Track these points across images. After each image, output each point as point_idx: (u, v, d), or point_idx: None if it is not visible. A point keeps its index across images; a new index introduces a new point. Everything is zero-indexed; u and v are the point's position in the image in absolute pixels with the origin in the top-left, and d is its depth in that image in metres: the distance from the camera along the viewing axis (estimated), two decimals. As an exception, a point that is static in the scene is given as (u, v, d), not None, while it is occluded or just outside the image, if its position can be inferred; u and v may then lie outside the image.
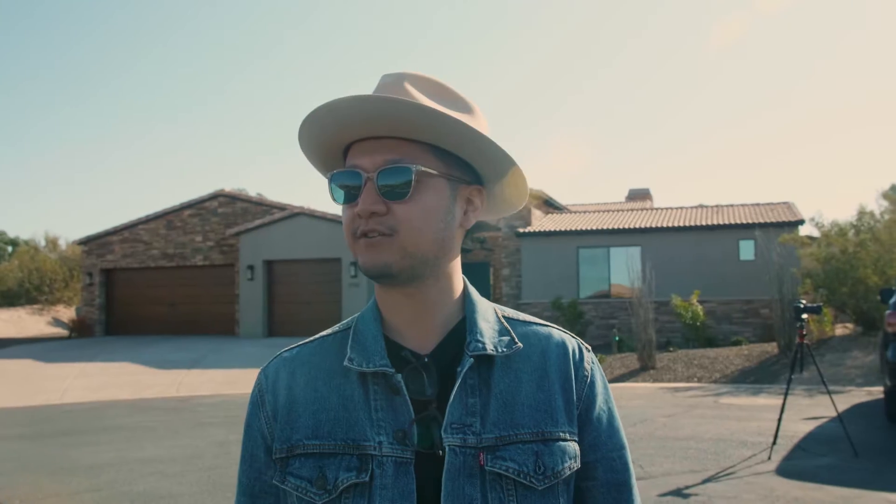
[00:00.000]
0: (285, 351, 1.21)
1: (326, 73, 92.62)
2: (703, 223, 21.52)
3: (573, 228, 22.09)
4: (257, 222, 23.05)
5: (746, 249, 20.61)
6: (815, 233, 19.40)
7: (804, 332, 8.21)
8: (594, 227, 21.98)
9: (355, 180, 1.05)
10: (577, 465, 1.08)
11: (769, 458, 7.41)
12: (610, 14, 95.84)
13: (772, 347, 16.79)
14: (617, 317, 20.29)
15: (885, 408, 9.40)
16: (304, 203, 24.08)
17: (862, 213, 18.69)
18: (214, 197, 24.74)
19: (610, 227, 21.92)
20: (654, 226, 21.79)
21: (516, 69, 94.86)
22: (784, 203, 23.39)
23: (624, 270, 19.73)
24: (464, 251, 30.58)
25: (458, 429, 1.03)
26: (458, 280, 1.14)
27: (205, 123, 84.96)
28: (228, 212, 24.46)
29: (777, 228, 19.84)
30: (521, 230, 21.97)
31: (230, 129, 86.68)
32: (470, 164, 1.11)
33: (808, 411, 10.17)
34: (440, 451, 1.02)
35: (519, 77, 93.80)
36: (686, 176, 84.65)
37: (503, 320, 1.14)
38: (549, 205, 24.76)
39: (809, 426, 9.08)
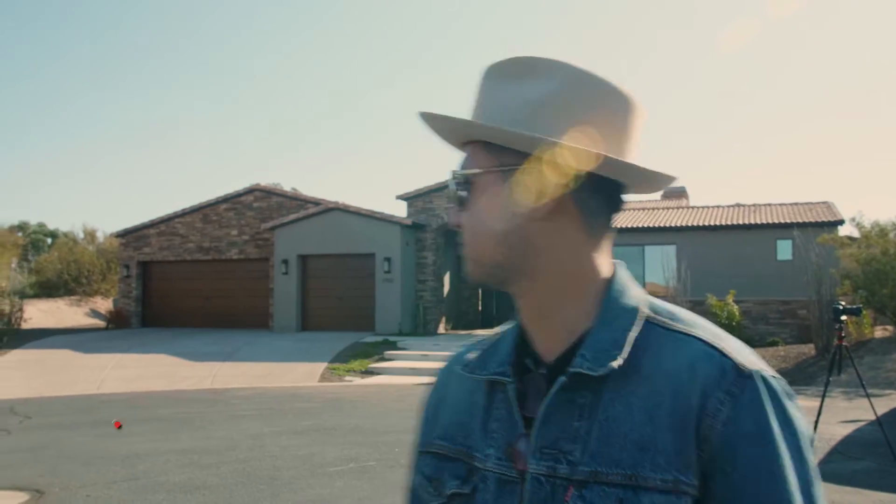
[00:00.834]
0: (463, 346, 1.15)
1: (363, 64, 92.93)
2: (740, 222, 21.27)
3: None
4: (292, 217, 23.20)
5: (784, 249, 20.34)
6: (855, 233, 19.07)
7: (843, 334, 8.09)
8: (629, 225, 21.83)
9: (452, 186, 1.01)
10: None
11: (806, 460, 7.31)
12: (651, 5, 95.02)
13: (809, 349, 16.56)
14: (651, 316, 20.12)
15: (926, 412, 9.22)
16: (338, 198, 24.19)
17: (904, 214, 18.34)
18: (250, 191, 24.95)
19: (645, 225, 21.76)
20: (690, 224, 21.58)
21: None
22: (823, 203, 23.04)
23: (659, 269, 19.58)
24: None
25: (549, 455, 0.90)
26: (581, 278, 0.96)
27: (241, 117, 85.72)
28: (263, 206, 24.64)
29: (816, 228, 19.54)
30: (554, 227, 21.85)
31: (266, 122, 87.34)
32: None
33: (845, 414, 10.02)
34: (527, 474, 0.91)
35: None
36: (724, 176, 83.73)
37: (636, 328, 0.92)
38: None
39: (847, 429, 8.95)
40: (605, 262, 0.98)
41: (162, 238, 25.51)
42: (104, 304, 30.29)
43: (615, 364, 0.89)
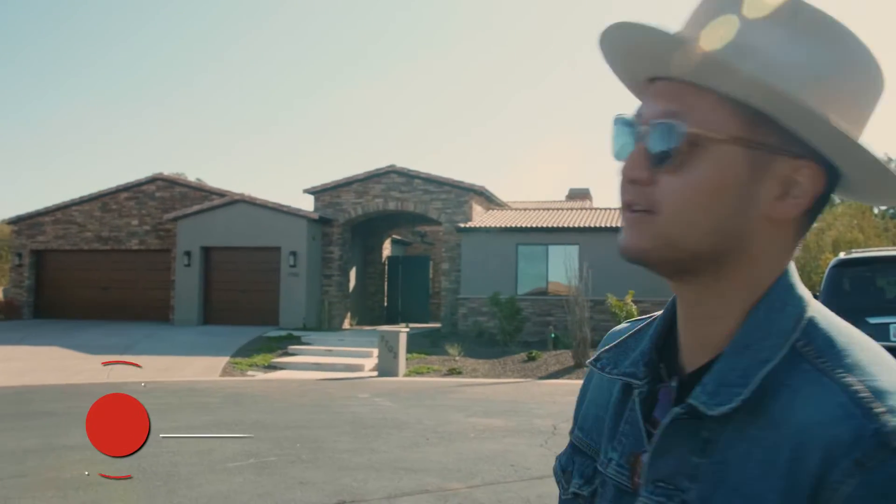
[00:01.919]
0: (625, 323, 1.00)
1: (274, 64, 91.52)
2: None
3: (513, 225, 22.29)
4: (196, 208, 22.72)
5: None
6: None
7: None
8: (534, 225, 22.22)
9: (626, 134, 0.80)
10: None
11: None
12: (564, 18, 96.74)
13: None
14: (553, 314, 20.55)
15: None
16: (244, 190, 23.82)
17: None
18: (152, 180, 24.31)
19: (549, 226, 22.18)
20: (592, 225, 22.11)
21: (465, 68, 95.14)
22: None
23: (562, 268, 19.99)
24: (403, 244, 30.67)
25: (663, 490, 0.77)
26: (756, 288, 0.79)
27: (146, 107, 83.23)
28: (166, 196, 24.05)
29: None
30: (461, 225, 22.09)
31: (171, 113, 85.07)
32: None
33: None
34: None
35: (467, 76, 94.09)
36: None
37: (777, 358, 0.75)
38: (490, 201, 24.95)
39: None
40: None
41: (58, 226, 24.60)
42: (-7, 294, 28.99)
43: (733, 405, 0.73)
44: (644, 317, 0.97)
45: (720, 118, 0.74)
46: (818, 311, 0.79)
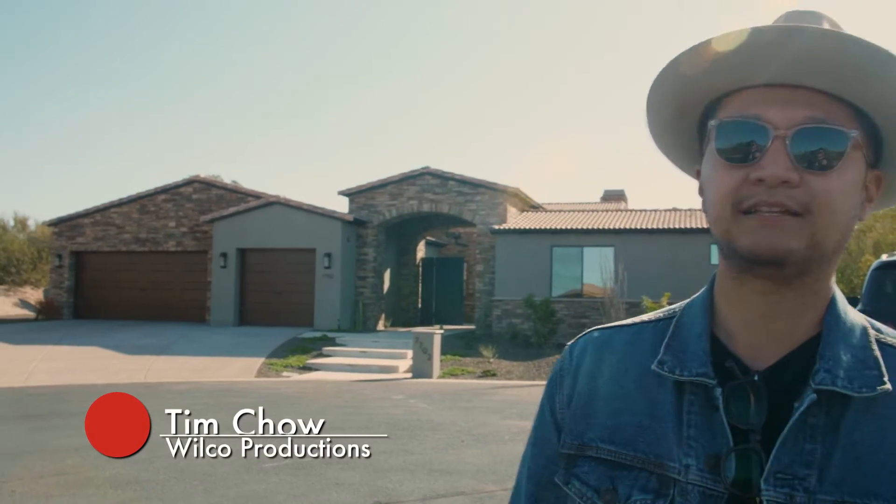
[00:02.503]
0: (596, 330, 1.02)
1: (308, 65, 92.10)
2: (676, 226, 21.71)
3: (548, 227, 22.18)
4: (232, 210, 22.93)
5: (717, 253, 20.83)
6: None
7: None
8: (569, 227, 22.10)
9: (758, 136, 0.81)
10: None
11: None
12: (593, 16, 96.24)
13: (739, 351, 17.01)
14: (588, 316, 20.42)
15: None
16: (279, 192, 24.00)
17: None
18: (189, 183, 24.57)
19: (584, 227, 22.05)
20: (627, 227, 21.95)
21: (497, 67, 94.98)
22: (756, 209, 23.62)
23: (597, 270, 19.88)
24: (437, 246, 30.69)
25: (784, 480, 0.79)
26: (831, 285, 0.88)
27: (182, 109, 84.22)
28: (203, 198, 24.30)
29: (748, 234, 20.04)
30: (496, 227, 22.04)
31: (207, 115, 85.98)
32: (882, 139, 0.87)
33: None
34: (757, 499, 0.80)
35: (499, 75, 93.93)
36: (661, 179, 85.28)
37: (875, 346, 0.84)
38: (525, 202, 24.87)
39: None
40: None
41: (97, 228, 24.96)
42: (34, 295, 29.47)
43: (887, 387, 0.80)
44: (637, 320, 1.00)
45: (858, 128, 0.82)
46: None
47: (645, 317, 1.00)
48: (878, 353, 0.83)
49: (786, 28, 0.81)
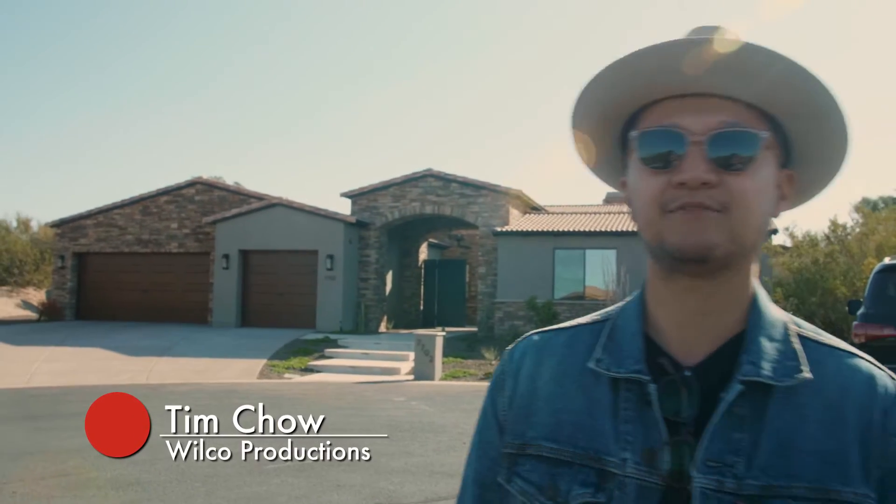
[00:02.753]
0: (535, 333, 1.06)
1: (310, 66, 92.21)
2: (679, 229, 21.70)
3: (550, 229, 22.18)
4: (234, 211, 22.94)
5: (720, 256, 20.83)
6: (789, 242, 19.65)
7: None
8: (571, 229, 22.09)
9: (676, 144, 0.86)
10: None
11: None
12: (597, 18, 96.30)
13: (741, 354, 17.00)
14: (590, 318, 20.38)
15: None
16: (282, 194, 24.01)
17: (835, 226, 18.97)
18: (192, 184, 24.59)
19: (586, 230, 22.04)
20: (630, 229, 21.92)
21: (500, 69, 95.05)
22: (759, 212, 23.63)
23: (599, 272, 19.87)
24: (440, 248, 30.68)
25: (714, 468, 0.84)
26: (752, 281, 0.94)
27: (185, 111, 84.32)
28: (205, 200, 24.32)
29: (751, 237, 20.04)
30: (498, 229, 22.03)
31: (209, 117, 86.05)
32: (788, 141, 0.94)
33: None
34: (689, 488, 0.84)
35: (502, 77, 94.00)
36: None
37: (795, 340, 0.91)
38: (527, 204, 24.86)
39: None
40: None
41: (99, 229, 24.99)
42: (37, 296, 29.47)
43: (806, 376, 0.86)
44: (574, 322, 1.04)
45: (767, 130, 0.89)
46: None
47: (582, 319, 1.04)
48: (797, 345, 0.90)
49: (692, 41, 0.86)
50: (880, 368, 0.90)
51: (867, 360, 0.91)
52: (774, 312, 0.94)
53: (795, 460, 0.84)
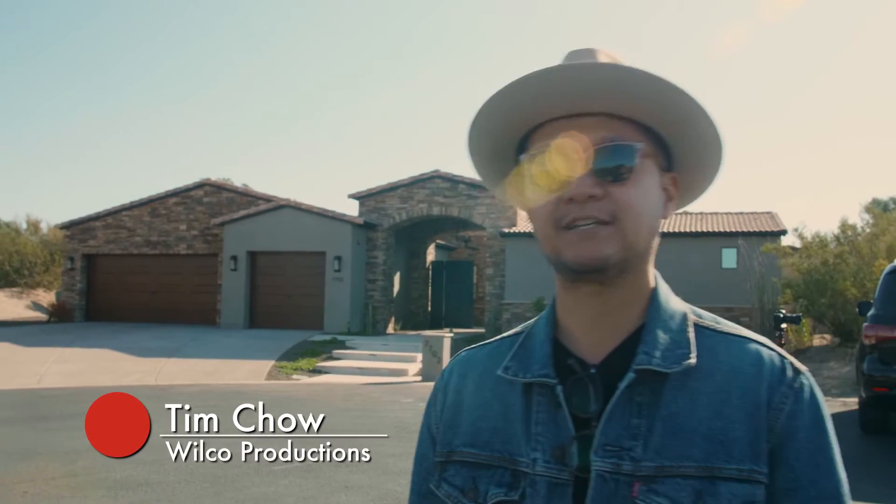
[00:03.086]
0: (464, 350, 1.14)
1: (316, 67, 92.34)
2: (687, 230, 21.65)
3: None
4: (242, 213, 22.99)
5: (729, 258, 20.74)
6: (798, 243, 19.57)
7: (782, 342, 8.31)
8: (579, 230, 22.04)
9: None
10: None
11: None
12: (603, 16, 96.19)
13: (750, 356, 16.92)
14: (598, 320, 20.36)
15: (859, 418, 9.51)
16: (290, 195, 24.03)
17: (844, 226, 18.88)
18: (200, 186, 24.65)
19: (594, 231, 21.98)
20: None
21: (507, 69, 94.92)
22: (767, 213, 23.56)
23: (607, 274, 19.82)
24: (447, 249, 30.65)
25: (612, 452, 0.90)
26: (651, 280, 1.01)
27: (193, 113, 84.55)
28: (214, 201, 24.38)
29: (760, 238, 19.98)
30: (506, 230, 22.02)
31: (218, 118, 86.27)
32: (669, 148, 1.01)
33: (783, 420, 10.28)
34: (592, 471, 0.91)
35: (509, 77, 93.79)
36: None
37: (691, 329, 0.97)
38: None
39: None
40: None
41: (108, 231, 25.08)
42: (47, 297, 29.60)
43: (691, 362, 0.92)
44: (498, 336, 1.11)
45: (644, 140, 0.95)
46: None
47: (506, 333, 1.10)
48: (692, 334, 0.96)
49: (566, 67, 0.92)
50: (772, 349, 0.96)
51: (759, 343, 0.97)
52: (673, 305, 1.00)
53: (686, 441, 0.89)
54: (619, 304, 0.97)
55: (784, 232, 20.83)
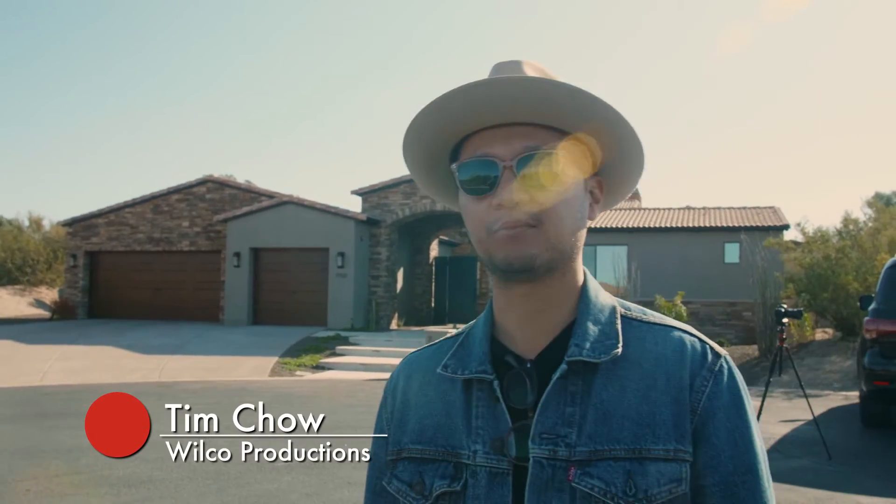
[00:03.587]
0: (411, 353, 1.20)
1: (320, 64, 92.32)
2: (690, 225, 21.63)
3: (560, 226, 22.11)
4: (245, 209, 22.98)
5: (732, 252, 20.74)
6: (801, 238, 19.55)
7: (784, 336, 8.30)
8: (581, 225, 22.02)
9: (490, 170, 0.99)
10: (682, 489, 0.95)
11: (745, 459, 7.49)
12: (605, 15, 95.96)
13: (753, 350, 16.95)
14: (601, 315, 20.34)
15: (860, 412, 9.52)
16: (292, 192, 24.02)
17: (847, 220, 18.85)
18: (203, 182, 24.64)
19: (597, 226, 21.98)
20: (641, 226, 21.88)
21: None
22: (770, 207, 23.54)
23: (610, 269, 19.81)
24: (451, 245, 30.64)
25: (548, 439, 0.96)
26: (579, 277, 1.07)
27: (195, 110, 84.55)
28: (216, 198, 24.37)
29: (762, 232, 19.96)
30: (508, 226, 21.96)
31: (220, 115, 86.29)
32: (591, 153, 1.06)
33: (785, 414, 10.28)
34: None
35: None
36: (675, 177, 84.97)
37: (619, 321, 1.04)
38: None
39: (786, 429, 9.19)
40: None
41: (111, 228, 25.08)
42: (49, 295, 29.66)
43: (617, 351, 0.99)
44: (443, 337, 1.17)
45: (567, 148, 1.00)
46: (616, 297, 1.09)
47: (451, 333, 1.16)
48: (619, 325, 1.02)
49: (489, 81, 0.96)
50: (693, 336, 1.03)
51: (682, 331, 1.04)
52: (602, 300, 1.06)
53: (616, 426, 0.96)
54: (550, 301, 1.03)
55: (787, 226, 20.81)
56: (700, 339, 1.03)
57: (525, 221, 0.97)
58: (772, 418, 9.60)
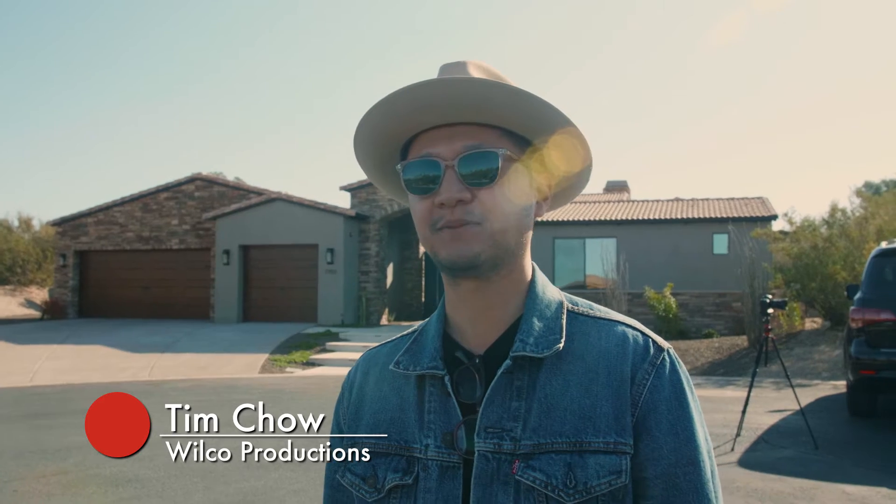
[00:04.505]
0: (369, 350, 1.22)
1: (308, 61, 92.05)
2: (679, 216, 21.69)
3: (550, 219, 22.17)
4: (234, 207, 22.94)
5: (720, 243, 20.80)
6: (788, 228, 19.61)
7: (770, 327, 8.34)
8: (571, 218, 22.08)
9: (433, 169, 1.00)
10: (623, 480, 0.95)
11: (732, 449, 7.54)
12: (595, 6, 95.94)
13: (742, 340, 16.99)
14: (591, 308, 20.38)
15: (847, 401, 9.57)
16: (281, 189, 23.97)
17: (834, 210, 18.91)
18: (191, 180, 24.58)
19: (586, 219, 22.03)
20: (629, 218, 21.92)
21: (498, 59, 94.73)
22: (758, 198, 23.61)
23: (599, 262, 19.86)
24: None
25: (493, 433, 0.98)
26: (527, 273, 1.08)
27: (183, 108, 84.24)
28: (205, 196, 24.31)
29: (750, 223, 20.01)
30: (497, 220, 21.98)
31: (208, 113, 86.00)
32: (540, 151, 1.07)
33: (773, 404, 10.33)
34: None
35: (500, 67, 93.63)
36: (664, 169, 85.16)
37: (564, 315, 1.05)
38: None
39: (773, 419, 9.23)
40: None
41: (100, 227, 25.00)
42: (39, 294, 29.56)
43: (560, 346, 1.00)
44: (399, 334, 1.18)
45: (510, 146, 1.01)
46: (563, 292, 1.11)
47: (406, 331, 1.17)
48: (564, 321, 1.04)
49: (432, 82, 0.97)
50: (637, 330, 1.05)
51: (626, 325, 1.05)
52: (549, 295, 1.08)
53: (559, 419, 0.97)
54: (498, 297, 1.04)
55: (775, 217, 20.88)
56: (643, 333, 1.04)
57: (467, 220, 0.98)
58: (760, 408, 9.64)
